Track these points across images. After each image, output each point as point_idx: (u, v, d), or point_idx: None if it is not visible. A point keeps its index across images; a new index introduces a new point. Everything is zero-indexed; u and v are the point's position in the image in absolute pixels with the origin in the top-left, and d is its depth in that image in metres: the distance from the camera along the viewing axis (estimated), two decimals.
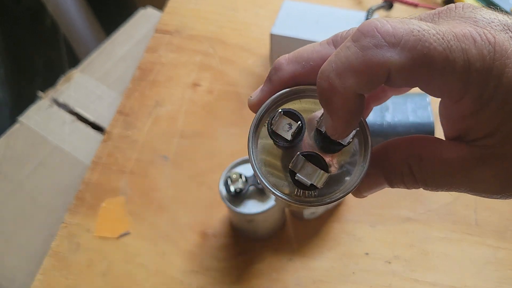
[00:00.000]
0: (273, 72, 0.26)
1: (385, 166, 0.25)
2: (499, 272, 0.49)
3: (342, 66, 0.21)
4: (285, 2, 0.65)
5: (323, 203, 0.25)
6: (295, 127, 0.25)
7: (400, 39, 0.21)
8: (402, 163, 0.24)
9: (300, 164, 0.24)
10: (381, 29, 0.21)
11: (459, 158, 0.23)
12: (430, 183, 0.24)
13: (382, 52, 0.21)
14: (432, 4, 0.71)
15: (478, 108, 0.22)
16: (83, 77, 0.70)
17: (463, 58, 0.21)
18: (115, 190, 0.57)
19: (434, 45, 0.20)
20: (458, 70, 0.21)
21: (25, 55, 1.04)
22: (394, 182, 0.25)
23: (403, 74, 0.21)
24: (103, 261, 0.52)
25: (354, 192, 0.26)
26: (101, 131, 0.64)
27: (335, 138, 0.24)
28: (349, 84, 0.21)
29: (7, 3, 0.99)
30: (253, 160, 0.25)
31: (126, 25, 0.76)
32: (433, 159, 0.24)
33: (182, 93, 0.66)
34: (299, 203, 0.25)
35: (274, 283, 0.50)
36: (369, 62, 0.21)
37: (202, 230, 0.54)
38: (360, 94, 0.22)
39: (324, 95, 0.22)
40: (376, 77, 0.21)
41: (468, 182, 0.23)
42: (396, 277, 0.49)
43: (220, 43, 0.71)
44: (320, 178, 0.24)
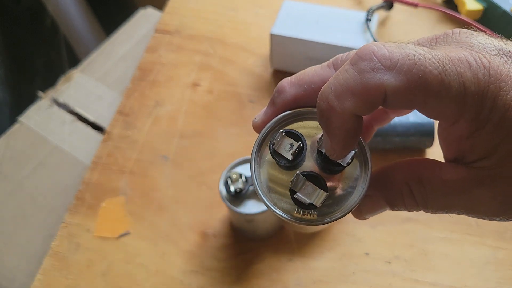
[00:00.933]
0: (276, 95, 0.27)
1: (386, 188, 0.26)
2: (499, 272, 0.49)
3: (341, 88, 0.22)
4: (285, 2, 0.65)
5: (322, 222, 0.25)
6: (296, 147, 0.25)
7: (396, 63, 0.21)
8: (402, 185, 0.25)
9: (300, 183, 0.25)
10: (378, 53, 0.22)
11: (458, 179, 0.24)
12: (431, 205, 0.24)
13: (379, 75, 0.21)
14: (432, 4, 0.71)
15: (474, 130, 0.22)
16: (83, 77, 0.70)
17: (458, 82, 0.21)
18: (115, 190, 0.57)
19: (429, 69, 0.21)
20: (453, 93, 0.21)
21: (25, 55, 1.04)
22: (395, 204, 0.26)
23: (399, 96, 0.22)
24: (103, 261, 0.52)
25: (356, 214, 0.27)
26: (101, 131, 0.64)
27: (334, 159, 0.24)
28: (347, 106, 0.22)
29: (7, 3, 0.99)
30: (255, 178, 0.26)
31: (126, 25, 0.76)
32: (433, 181, 0.24)
33: (182, 93, 0.66)
34: (298, 222, 0.25)
35: (274, 283, 0.50)
36: (366, 85, 0.21)
37: (202, 230, 0.54)
38: (357, 116, 0.23)
39: (323, 116, 0.23)
40: (373, 99, 0.22)
41: (468, 204, 0.24)
42: (396, 277, 0.49)
43: (220, 43, 0.71)
44: (319, 198, 0.24)
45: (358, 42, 0.60)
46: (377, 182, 0.26)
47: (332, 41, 0.60)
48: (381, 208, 0.26)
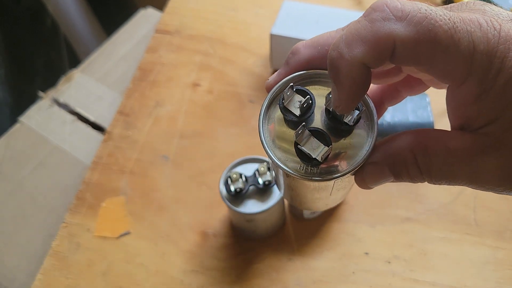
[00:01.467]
0: (291, 56, 0.28)
1: (390, 156, 0.25)
2: (498, 272, 0.49)
3: (351, 37, 0.23)
4: (285, 2, 0.65)
5: (323, 179, 0.25)
6: (304, 102, 0.26)
7: (407, 14, 0.22)
8: (408, 153, 0.25)
9: (305, 137, 0.25)
10: (390, 5, 0.22)
11: (463, 147, 0.23)
12: (435, 174, 0.24)
13: (389, 25, 0.22)
14: (432, 4, 0.71)
15: (481, 92, 0.22)
16: (84, 77, 0.70)
17: (468, 39, 0.21)
18: (116, 190, 0.57)
19: (439, 23, 0.21)
20: (462, 50, 0.21)
21: (26, 55, 1.04)
22: (399, 172, 0.25)
23: (408, 47, 0.22)
24: (103, 261, 0.52)
25: (359, 182, 0.26)
26: (102, 131, 0.64)
27: (339, 112, 0.24)
28: (356, 53, 0.22)
29: (7, 3, 0.99)
30: (262, 133, 0.26)
31: (126, 25, 0.76)
32: (438, 149, 0.24)
33: (182, 93, 0.66)
34: (299, 176, 0.25)
35: (274, 283, 0.50)
36: (376, 33, 0.22)
37: (202, 230, 0.54)
38: (366, 67, 0.23)
39: (332, 64, 0.23)
40: (382, 48, 0.22)
41: (472, 173, 0.23)
42: (396, 277, 0.49)
43: (220, 43, 0.72)
44: (322, 153, 0.24)
45: None
46: (382, 150, 0.26)
47: None
48: (384, 176, 0.26)
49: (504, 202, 0.53)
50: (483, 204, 0.53)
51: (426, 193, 0.54)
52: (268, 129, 0.27)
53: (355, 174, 0.26)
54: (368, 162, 0.26)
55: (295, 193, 0.30)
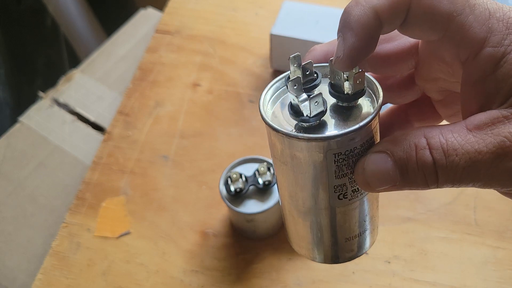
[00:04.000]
0: (307, 54, 0.27)
1: (397, 143, 0.22)
2: (498, 272, 0.49)
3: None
4: (285, 2, 0.65)
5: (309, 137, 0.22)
6: (310, 75, 0.25)
7: None
8: (419, 138, 0.21)
9: (301, 96, 0.23)
10: None
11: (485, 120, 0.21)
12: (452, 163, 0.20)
13: None
14: None
15: (500, 57, 0.21)
16: (84, 77, 0.70)
17: (484, 7, 0.21)
18: (116, 190, 0.57)
19: None
20: (477, 14, 0.21)
21: (26, 55, 1.04)
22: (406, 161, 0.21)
23: (423, 5, 0.21)
24: (104, 261, 0.52)
25: (365, 186, 0.23)
26: (102, 131, 0.64)
27: (340, 64, 0.23)
28: (373, 1, 0.22)
29: (7, 3, 1.00)
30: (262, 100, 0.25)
31: (126, 26, 0.76)
32: (455, 130, 0.21)
33: (182, 93, 0.66)
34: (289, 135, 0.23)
35: (274, 283, 0.50)
36: None
37: (202, 230, 0.54)
38: (379, 19, 0.22)
39: (345, 13, 0.22)
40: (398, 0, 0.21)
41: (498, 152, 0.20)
42: (396, 277, 0.49)
43: (220, 43, 0.72)
44: (314, 105, 0.23)
45: None
46: (388, 139, 0.23)
47: None
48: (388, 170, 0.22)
49: (505, 202, 0.53)
50: (483, 204, 0.53)
51: (426, 193, 0.54)
52: (271, 104, 0.26)
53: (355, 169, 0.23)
54: (371, 152, 0.23)
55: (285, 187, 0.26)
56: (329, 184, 0.24)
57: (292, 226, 0.29)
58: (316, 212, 0.26)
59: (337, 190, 0.24)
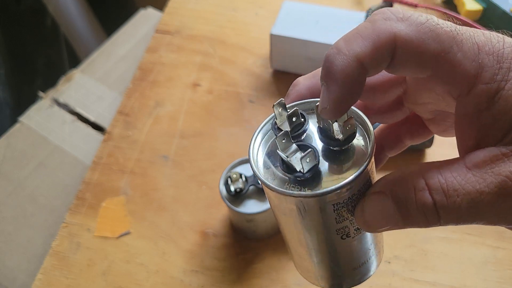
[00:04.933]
0: (291, 88, 0.27)
1: (395, 183, 0.22)
2: (498, 272, 0.49)
3: (351, 34, 0.22)
4: (285, 2, 0.65)
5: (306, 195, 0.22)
6: (294, 116, 0.24)
7: (408, 16, 0.22)
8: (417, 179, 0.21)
9: (291, 150, 0.23)
10: (392, 10, 0.22)
11: (484, 159, 0.20)
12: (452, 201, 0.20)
13: (391, 23, 0.21)
14: (432, 4, 0.71)
15: (493, 93, 0.20)
16: (84, 77, 0.70)
17: (471, 42, 0.21)
18: (116, 190, 0.57)
19: (441, 25, 0.21)
20: (466, 50, 0.21)
21: (26, 55, 1.04)
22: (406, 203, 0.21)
23: (409, 46, 0.21)
24: (104, 261, 0.52)
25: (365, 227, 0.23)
26: (102, 131, 0.64)
27: (326, 113, 0.22)
28: (355, 48, 0.21)
29: (7, 3, 1.00)
30: (251, 153, 0.25)
31: (126, 26, 0.76)
32: (455, 170, 0.20)
33: (182, 93, 0.66)
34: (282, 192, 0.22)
35: (274, 283, 0.50)
36: (377, 29, 0.21)
37: (202, 230, 0.54)
38: (363, 66, 0.21)
39: (327, 61, 0.22)
40: (383, 45, 0.21)
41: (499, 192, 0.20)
42: (396, 277, 0.49)
43: (220, 43, 0.72)
44: (306, 162, 0.22)
45: None
46: (386, 178, 0.22)
47: (332, 42, 0.59)
48: (388, 211, 0.22)
49: None
50: None
51: None
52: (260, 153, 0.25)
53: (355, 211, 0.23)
54: (370, 192, 0.22)
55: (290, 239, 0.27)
56: (331, 229, 0.24)
57: (296, 257, 0.29)
58: (320, 251, 0.26)
59: (339, 232, 0.24)
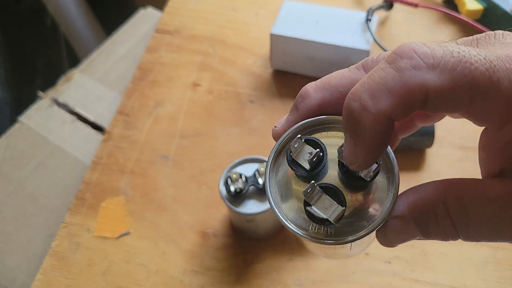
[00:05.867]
0: (300, 100, 0.25)
1: (417, 209, 0.22)
2: (498, 272, 0.49)
3: (377, 87, 0.20)
4: (285, 2, 0.65)
5: (337, 242, 0.22)
6: (314, 155, 0.23)
7: (439, 61, 0.20)
8: (438, 204, 0.21)
9: (316, 195, 0.22)
10: (419, 51, 0.20)
11: (507, 194, 0.20)
12: (473, 229, 0.21)
13: (421, 74, 0.20)
14: (432, 4, 0.71)
15: None
16: (83, 77, 0.70)
17: (509, 78, 0.19)
18: (116, 190, 0.57)
19: (475, 65, 0.19)
20: (502, 91, 0.19)
21: (26, 55, 1.04)
22: (427, 228, 0.22)
23: (442, 97, 0.20)
24: (103, 261, 0.52)
25: (382, 240, 0.23)
26: (101, 131, 0.64)
27: (355, 168, 0.22)
28: (383, 106, 0.20)
29: (7, 3, 0.99)
30: (268, 189, 0.24)
31: (126, 25, 0.76)
32: (475, 199, 0.21)
33: (182, 93, 0.66)
34: (311, 239, 0.23)
35: (274, 283, 0.50)
36: (407, 84, 0.20)
37: (202, 230, 0.54)
38: (391, 119, 0.20)
39: (352, 117, 0.21)
40: (413, 100, 0.20)
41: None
42: (396, 277, 0.49)
43: (220, 43, 0.71)
44: (335, 213, 0.22)
45: (358, 42, 0.60)
46: (407, 202, 0.22)
47: (332, 41, 0.60)
48: (410, 233, 0.22)
49: None
50: None
51: None
52: (276, 183, 0.24)
53: (377, 230, 0.23)
54: (391, 217, 0.22)
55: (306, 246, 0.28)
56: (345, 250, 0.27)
57: None
58: None
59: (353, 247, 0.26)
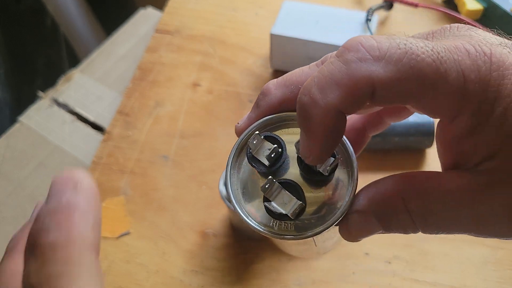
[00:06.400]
0: (261, 97, 0.25)
1: (377, 204, 0.22)
2: (498, 272, 0.49)
3: (325, 80, 0.20)
4: (285, 2, 0.65)
5: (297, 237, 0.22)
6: (273, 153, 0.23)
7: (385, 53, 0.20)
8: (397, 200, 0.21)
9: (274, 191, 0.22)
10: (366, 44, 0.20)
11: (461, 187, 0.20)
12: (431, 222, 0.21)
13: (366, 66, 0.20)
14: (432, 4, 0.71)
15: (476, 124, 0.20)
16: (83, 77, 0.70)
17: (456, 69, 0.19)
18: (116, 190, 0.57)
19: (422, 57, 0.19)
20: (451, 83, 0.19)
21: (25, 55, 1.04)
22: (388, 222, 0.22)
23: (389, 89, 0.20)
24: (103, 261, 0.52)
25: (345, 234, 0.24)
26: (101, 131, 0.64)
27: (309, 162, 0.22)
28: (331, 99, 0.20)
29: (7, 2, 0.99)
30: (229, 186, 0.24)
31: (126, 25, 0.76)
32: (431, 192, 0.21)
33: (182, 93, 0.66)
34: (272, 235, 0.23)
35: (274, 283, 0.50)
36: (353, 76, 0.20)
37: (202, 230, 0.54)
38: (341, 113, 0.20)
39: (303, 110, 0.21)
40: (360, 92, 0.20)
41: (475, 216, 0.20)
42: (396, 277, 0.49)
43: (220, 43, 0.71)
44: (293, 208, 0.22)
45: None
46: (367, 196, 0.22)
47: (332, 41, 0.60)
48: (371, 227, 0.22)
49: None
50: None
51: None
52: (238, 181, 0.25)
53: (339, 225, 0.23)
54: (352, 211, 0.23)
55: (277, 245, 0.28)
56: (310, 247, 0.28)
57: None
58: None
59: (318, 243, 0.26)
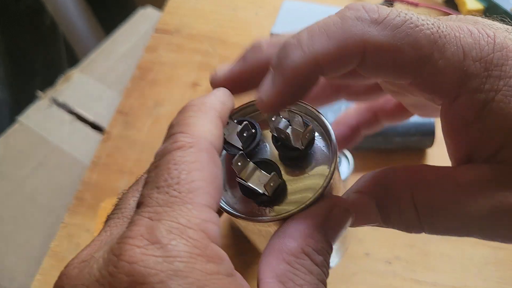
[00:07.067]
0: (250, 50, 0.23)
1: (380, 190, 0.20)
2: (499, 272, 0.49)
3: (317, 29, 0.19)
4: (285, 2, 0.65)
5: (272, 219, 0.21)
6: (245, 130, 0.22)
7: (384, 17, 0.18)
8: (403, 189, 0.19)
9: (250, 171, 0.21)
10: (367, 6, 0.19)
11: (477, 179, 0.18)
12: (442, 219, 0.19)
13: (362, 25, 0.18)
14: (433, 3, 0.71)
15: (481, 105, 0.18)
16: (83, 77, 0.69)
17: (456, 45, 0.18)
18: (115, 190, 0.57)
19: (420, 28, 0.18)
20: (448, 57, 0.18)
21: (25, 54, 1.03)
22: (388, 214, 0.20)
23: (381, 55, 0.18)
24: None
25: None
26: (101, 131, 0.64)
27: (262, 107, 0.21)
28: (317, 47, 0.19)
29: (6, 2, 0.99)
30: None
31: (125, 25, 0.76)
32: (444, 185, 0.19)
33: (181, 93, 0.66)
34: (247, 218, 0.21)
35: None
36: (346, 31, 0.19)
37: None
38: (319, 67, 0.19)
39: (283, 49, 0.19)
40: (348, 50, 0.18)
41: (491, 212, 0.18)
42: (397, 278, 0.49)
43: (220, 43, 0.71)
44: (270, 186, 0.20)
45: None
46: (372, 179, 0.21)
47: None
48: (370, 214, 0.20)
49: None
50: None
51: None
52: None
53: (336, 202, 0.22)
54: (353, 190, 0.21)
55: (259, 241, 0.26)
56: None
57: None
58: None
59: None
